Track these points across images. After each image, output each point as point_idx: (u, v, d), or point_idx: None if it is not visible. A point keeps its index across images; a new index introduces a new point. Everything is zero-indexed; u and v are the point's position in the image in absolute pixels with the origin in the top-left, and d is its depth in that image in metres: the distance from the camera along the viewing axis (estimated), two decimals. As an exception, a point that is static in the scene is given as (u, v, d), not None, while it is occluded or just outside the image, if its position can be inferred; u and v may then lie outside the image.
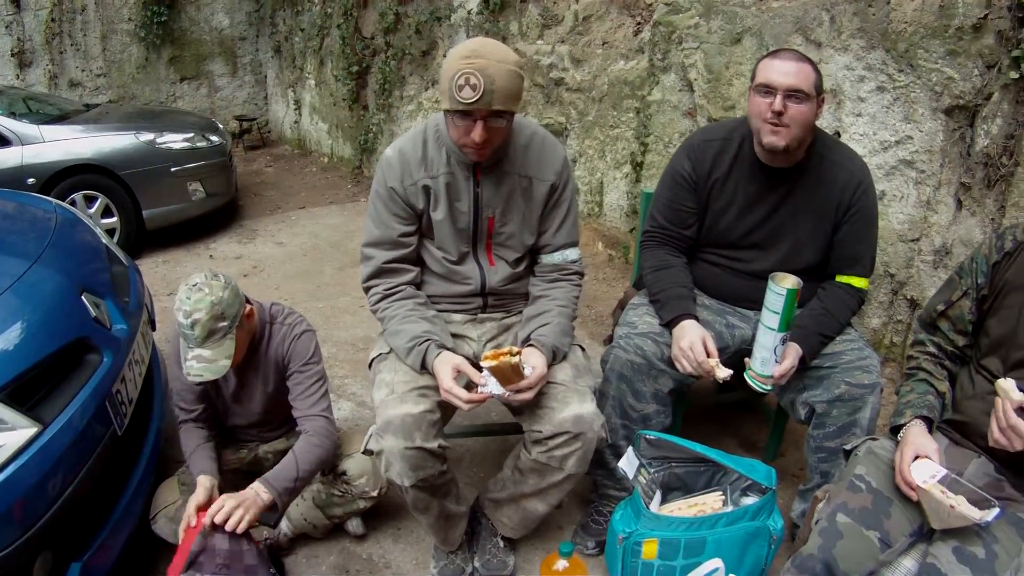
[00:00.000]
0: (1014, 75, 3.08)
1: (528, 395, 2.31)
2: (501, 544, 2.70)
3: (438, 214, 2.47)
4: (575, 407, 2.36)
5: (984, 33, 3.19)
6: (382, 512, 2.92)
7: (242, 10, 9.90)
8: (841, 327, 2.64)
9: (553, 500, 2.56)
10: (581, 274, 2.69)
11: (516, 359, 2.19)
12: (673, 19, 4.56)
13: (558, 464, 2.40)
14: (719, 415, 3.65)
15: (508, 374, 2.22)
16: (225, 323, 2.31)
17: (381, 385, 2.42)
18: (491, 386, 2.29)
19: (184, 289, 2.31)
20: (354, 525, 2.81)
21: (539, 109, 5.73)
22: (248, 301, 2.51)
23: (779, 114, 2.43)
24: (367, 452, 2.42)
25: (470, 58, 2.13)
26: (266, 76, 10.28)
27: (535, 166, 2.49)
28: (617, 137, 5.22)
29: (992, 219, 3.30)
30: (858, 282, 2.68)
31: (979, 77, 3.25)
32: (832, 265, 2.71)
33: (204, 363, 2.31)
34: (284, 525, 2.70)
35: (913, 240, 3.62)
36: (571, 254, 2.62)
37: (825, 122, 3.82)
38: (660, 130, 4.83)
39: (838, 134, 3.79)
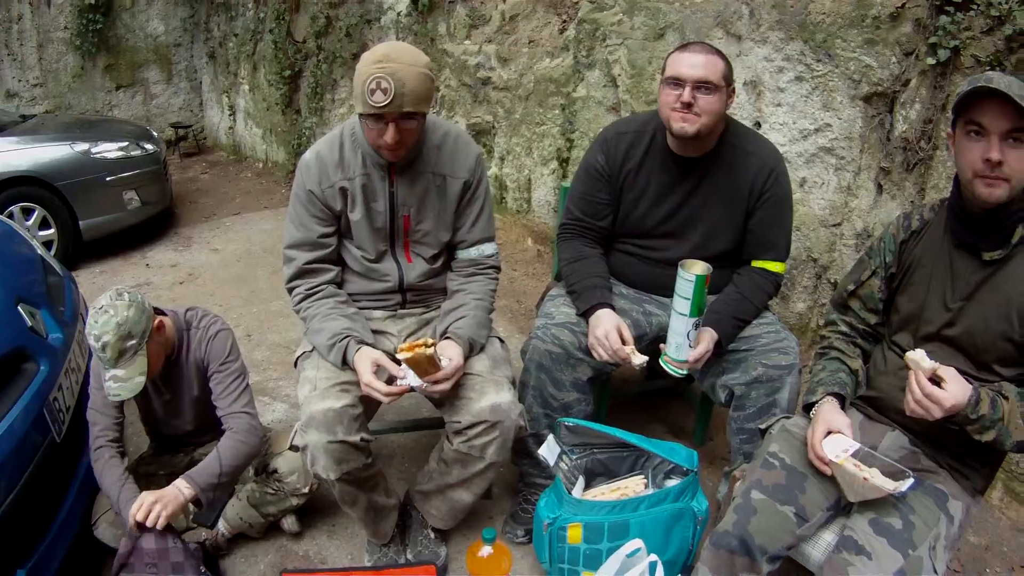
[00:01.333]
0: (931, 61, 3.16)
1: (445, 386, 2.35)
2: (432, 535, 2.73)
3: (355, 215, 2.51)
4: (492, 397, 2.40)
5: (902, 21, 3.27)
6: (316, 509, 2.94)
7: (177, 16, 9.80)
8: (757, 311, 2.70)
9: (478, 489, 2.60)
10: (498, 268, 2.74)
11: (430, 350, 2.23)
12: (597, 16, 4.61)
13: (479, 453, 2.44)
14: (647, 402, 3.71)
15: (424, 365, 2.25)
16: (134, 341, 2.33)
17: (304, 382, 2.45)
18: (409, 378, 2.32)
19: (92, 312, 2.33)
20: (289, 523, 2.82)
21: (467, 108, 5.76)
22: (162, 312, 2.54)
23: (688, 105, 2.48)
24: (293, 448, 2.43)
25: (381, 63, 2.18)
26: (201, 82, 10.19)
27: (448, 164, 2.54)
28: (544, 134, 5.26)
29: (912, 202, 3.38)
30: (773, 266, 2.74)
31: (897, 64, 3.33)
32: (747, 251, 2.76)
33: (120, 383, 2.34)
34: (222, 525, 2.70)
35: (835, 225, 3.69)
36: (487, 249, 2.67)
37: (745, 112, 3.90)
38: (585, 126, 4.88)
39: (758, 124, 3.86)
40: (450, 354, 2.38)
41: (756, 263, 2.75)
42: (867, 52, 3.41)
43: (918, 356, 1.95)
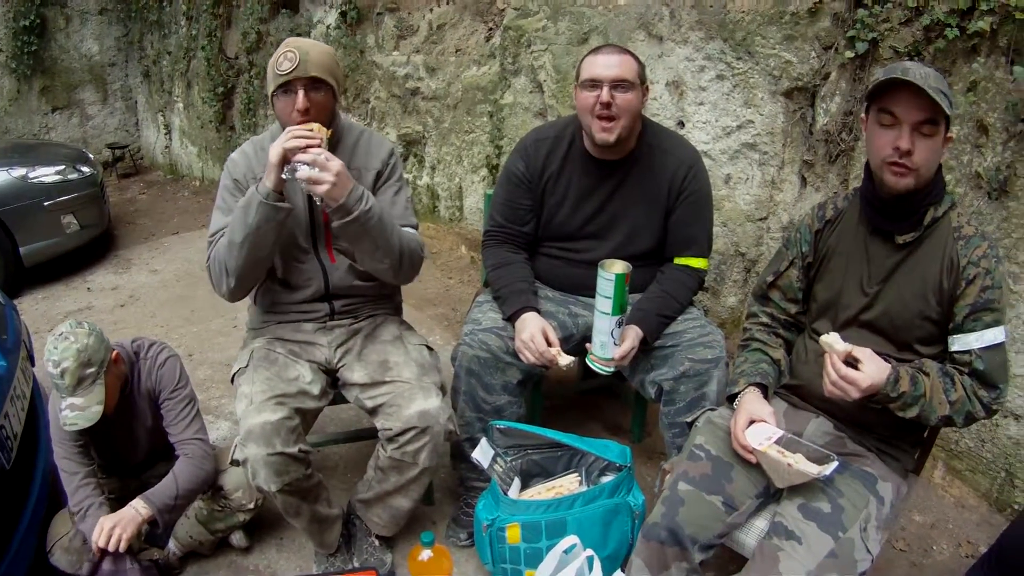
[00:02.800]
0: (850, 54, 3.24)
1: (326, 182, 2.29)
2: (377, 543, 2.76)
3: None
4: (420, 403, 2.45)
5: (820, 16, 3.35)
6: (264, 524, 2.96)
7: (111, 35, 9.70)
8: (681, 307, 2.76)
9: (415, 495, 2.65)
10: (422, 246, 2.75)
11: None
12: (522, 23, 4.66)
13: (412, 459, 2.50)
14: (584, 402, 3.76)
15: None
16: (93, 369, 2.35)
17: (241, 398, 2.48)
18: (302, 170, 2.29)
19: (51, 340, 2.36)
20: (238, 538, 2.84)
21: (397, 119, 5.80)
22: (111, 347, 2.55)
23: (607, 105, 2.55)
24: (234, 463, 2.47)
25: (287, 44, 2.41)
26: (136, 102, 10.10)
27: (363, 158, 2.64)
28: (473, 142, 5.31)
29: (836, 193, 3.44)
30: (696, 262, 2.80)
31: (816, 59, 3.41)
32: (669, 248, 2.83)
33: (77, 411, 2.36)
34: (172, 544, 2.72)
35: (761, 219, 3.77)
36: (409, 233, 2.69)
37: (669, 112, 3.97)
38: (513, 132, 4.92)
39: (682, 124, 3.94)
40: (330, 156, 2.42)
41: (678, 260, 2.81)
42: (786, 48, 3.48)
43: (832, 339, 2.02)
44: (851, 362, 2.00)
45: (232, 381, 2.65)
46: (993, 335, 2.07)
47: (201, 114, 8.19)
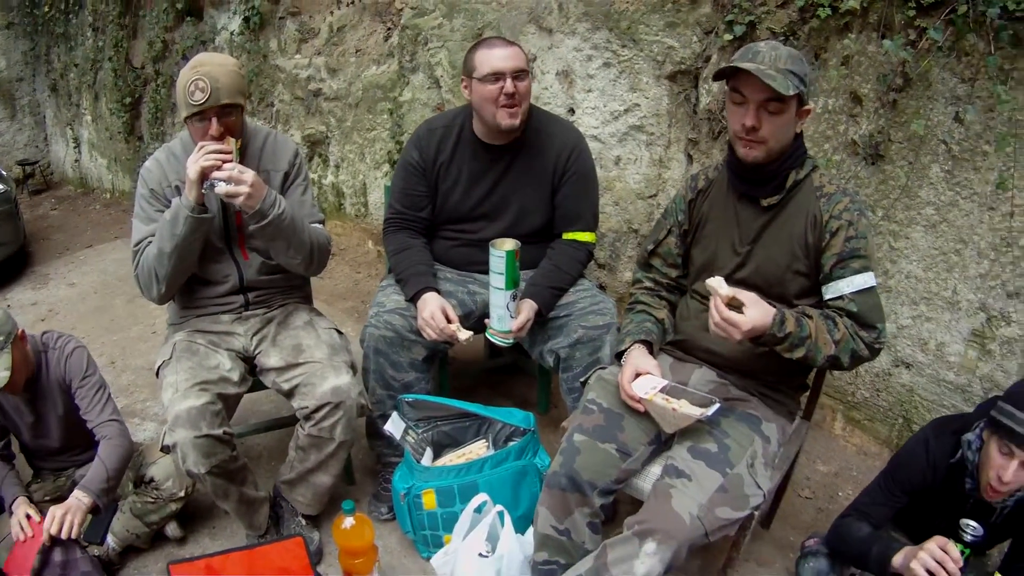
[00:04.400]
0: (729, 37, 3.40)
1: (241, 190, 2.48)
2: (303, 522, 2.89)
3: None
4: (332, 380, 2.62)
5: (701, 3, 3.51)
6: (196, 515, 3.07)
7: (17, 49, 9.57)
8: (573, 279, 2.95)
9: (334, 471, 2.79)
10: (329, 240, 2.95)
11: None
12: (419, 22, 4.78)
13: (328, 434, 2.65)
14: (491, 380, 3.94)
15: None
16: (0, 338, 2.48)
17: (167, 387, 2.61)
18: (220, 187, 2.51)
19: None
20: (172, 529, 2.94)
21: (301, 121, 5.88)
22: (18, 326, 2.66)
23: (512, 95, 2.74)
24: (164, 449, 2.57)
25: (196, 68, 2.49)
26: (44, 116, 9.97)
27: (271, 160, 2.80)
28: (374, 139, 5.39)
29: (706, 165, 3.61)
30: (583, 236, 3.00)
31: (698, 43, 3.58)
32: (557, 225, 3.02)
33: None
34: (111, 540, 2.80)
35: (651, 196, 3.95)
36: (316, 229, 2.86)
37: (559, 100, 4.14)
38: (413, 128, 4.86)
39: (572, 110, 4.10)
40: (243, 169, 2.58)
41: (567, 235, 3.00)
42: (669, 35, 3.64)
43: (716, 282, 2.15)
44: (736, 307, 2.14)
45: (157, 374, 2.77)
46: (862, 280, 2.24)
47: (109, 125, 8.13)
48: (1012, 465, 2.00)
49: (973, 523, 2.12)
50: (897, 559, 2.20)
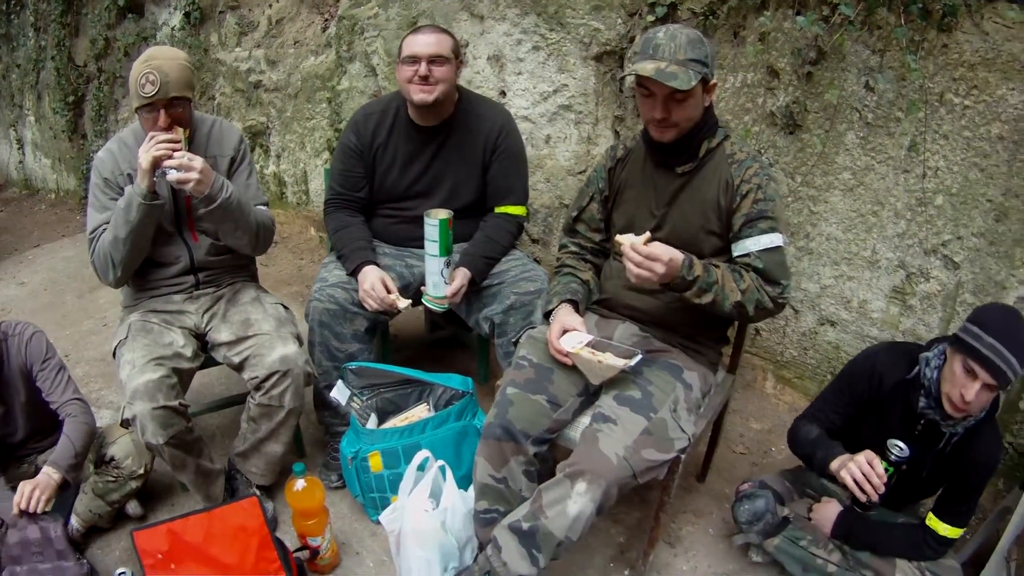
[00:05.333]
0: (651, 18, 3.55)
1: (190, 176, 2.64)
2: (258, 493, 3.00)
3: None
4: (280, 350, 2.78)
5: None
6: (155, 494, 3.16)
7: (-42, 52, 9.46)
8: (504, 249, 3.12)
9: (285, 439, 2.94)
10: (273, 220, 3.08)
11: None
12: (355, 12, 4.89)
13: (277, 402, 2.80)
14: (433, 353, 4.09)
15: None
16: None
17: (124, 364, 2.74)
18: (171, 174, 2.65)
19: None
20: (133, 507, 3.03)
21: (242, 112, 5.95)
22: None
23: (425, 78, 2.90)
24: (124, 423, 2.70)
25: (147, 61, 2.62)
26: (-14, 119, 9.89)
27: (217, 146, 2.94)
28: (314, 128, 5.47)
29: (625, 136, 3.79)
30: (514, 210, 3.17)
31: (623, 24, 3.71)
32: (490, 200, 3.19)
33: None
34: (74, 521, 2.89)
35: (580, 172, 4.11)
36: (261, 211, 3.00)
37: (491, 84, 4.29)
38: (351, 116, 5.07)
39: (504, 93, 4.26)
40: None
41: (499, 209, 3.17)
42: (595, 17, 3.79)
43: (625, 237, 2.29)
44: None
45: (114, 355, 2.89)
46: (768, 239, 2.39)
47: (53, 125, 8.09)
48: (975, 386, 2.15)
49: (900, 444, 2.32)
50: (834, 464, 2.43)
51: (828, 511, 2.62)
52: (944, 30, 2.85)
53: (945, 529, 2.42)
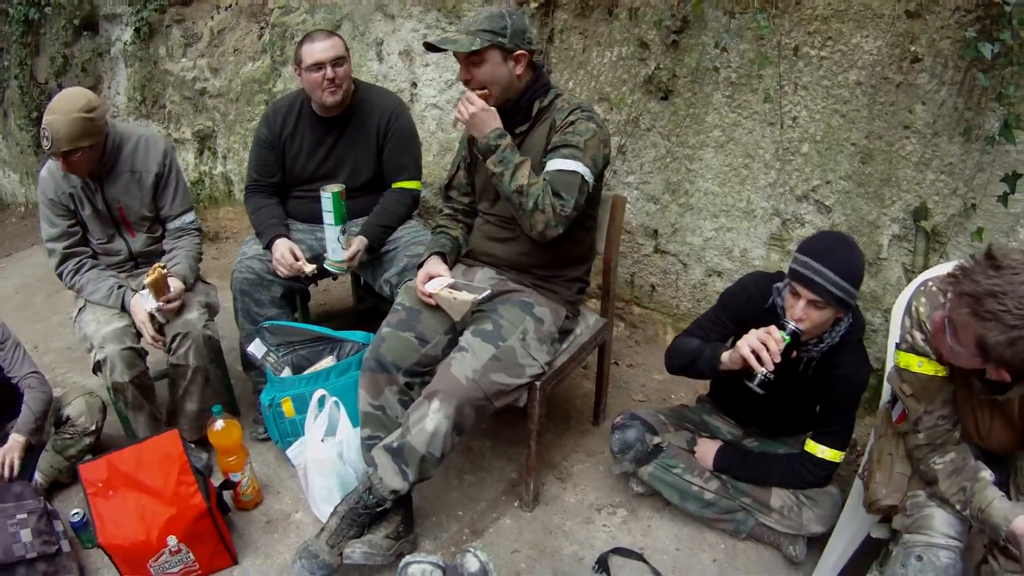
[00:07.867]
0: (536, 4, 3.88)
1: (175, 304, 3.12)
2: (193, 447, 3.29)
3: (85, 212, 3.26)
4: (184, 315, 3.20)
5: None
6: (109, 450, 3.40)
7: (-76, 72, 9.56)
8: (400, 219, 3.50)
9: (197, 397, 3.34)
10: (199, 230, 3.51)
11: (164, 270, 3.03)
12: (286, 19, 5.23)
13: (184, 360, 3.21)
14: (360, 324, 4.23)
15: (160, 285, 3.03)
16: None
17: (89, 323, 3.19)
18: (148, 303, 3.09)
19: None
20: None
21: (191, 119, 6.24)
22: None
23: (333, 80, 3.28)
24: (95, 369, 3.09)
25: (47, 114, 2.92)
26: (-46, 139, 10.04)
27: (143, 161, 3.29)
28: (255, 129, 5.61)
29: None
30: (408, 184, 3.55)
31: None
32: (386, 176, 3.57)
33: None
34: (38, 476, 3.14)
35: (482, 152, 4.45)
36: (187, 217, 3.45)
37: (403, 76, 4.66)
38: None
39: (415, 84, 4.63)
40: (174, 284, 3.15)
41: (395, 184, 3.54)
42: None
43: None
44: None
45: (74, 322, 3.31)
46: (565, 163, 2.64)
47: (19, 140, 8.35)
48: (799, 304, 2.33)
49: (794, 321, 2.38)
50: (724, 355, 2.49)
51: (709, 447, 2.86)
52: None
53: (823, 451, 2.57)
